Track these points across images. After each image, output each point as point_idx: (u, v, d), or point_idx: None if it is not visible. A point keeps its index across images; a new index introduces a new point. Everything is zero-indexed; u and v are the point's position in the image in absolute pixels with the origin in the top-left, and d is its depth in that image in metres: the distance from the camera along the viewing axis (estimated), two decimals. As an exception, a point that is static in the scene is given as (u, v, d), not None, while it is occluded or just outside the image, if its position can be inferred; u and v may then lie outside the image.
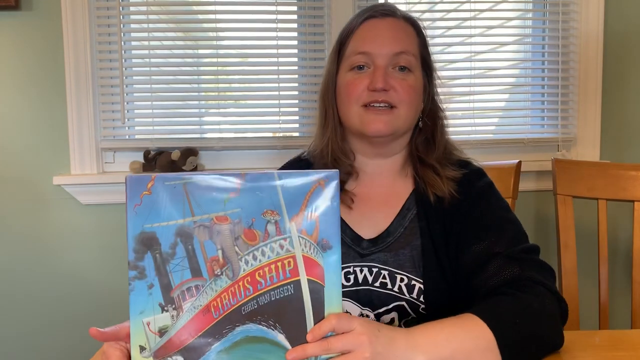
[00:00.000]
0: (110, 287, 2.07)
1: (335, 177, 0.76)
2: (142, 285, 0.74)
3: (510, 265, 1.05)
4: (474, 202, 1.15)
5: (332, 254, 0.76)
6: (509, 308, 0.95)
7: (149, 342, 0.75)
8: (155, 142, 2.08)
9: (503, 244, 1.08)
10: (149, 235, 0.73)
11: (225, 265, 0.75)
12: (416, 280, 1.14)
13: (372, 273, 1.16)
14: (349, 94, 1.17)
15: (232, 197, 0.74)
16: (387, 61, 1.16)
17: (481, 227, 1.12)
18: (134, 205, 0.73)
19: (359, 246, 1.19)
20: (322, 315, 0.77)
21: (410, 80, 1.17)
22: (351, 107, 1.17)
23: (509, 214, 1.16)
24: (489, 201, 1.17)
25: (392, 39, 1.17)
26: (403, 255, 1.16)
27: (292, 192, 0.75)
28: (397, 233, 1.18)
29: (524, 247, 1.08)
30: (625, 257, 2.14)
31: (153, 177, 0.73)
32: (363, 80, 1.16)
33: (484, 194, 1.18)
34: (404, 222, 1.19)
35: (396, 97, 1.15)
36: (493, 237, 1.10)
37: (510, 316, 0.93)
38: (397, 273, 1.15)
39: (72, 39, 2.00)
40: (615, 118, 2.17)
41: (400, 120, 1.17)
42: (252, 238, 0.75)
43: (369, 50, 1.16)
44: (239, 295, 0.75)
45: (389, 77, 1.15)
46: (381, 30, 1.18)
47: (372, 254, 1.18)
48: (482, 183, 1.19)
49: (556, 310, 0.99)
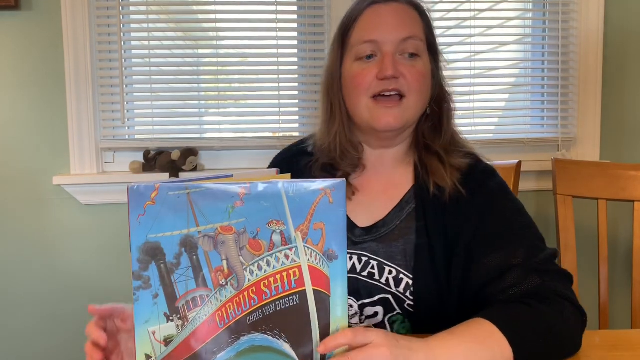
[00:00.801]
0: (110, 287, 2.07)
1: (341, 187, 0.75)
2: (147, 295, 0.74)
3: (530, 277, 1.02)
4: (487, 206, 1.11)
5: (338, 264, 0.76)
6: (530, 323, 0.94)
7: (154, 351, 0.75)
8: (155, 142, 2.07)
9: (521, 254, 1.05)
10: (153, 246, 0.73)
11: (230, 276, 0.75)
12: (405, 274, 1.11)
13: (361, 262, 1.14)
14: (357, 85, 1.14)
15: (236, 207, 0.74)
16: (394, 48, 1.12)
17: (497, 235, 1.08)
18: (137, 216, 0.73)
19: (352, 233, 1.16)
20: (327, 325, 0.77)
21: (419, 67, 1.14)
22: (360, 100, 1.14)
23: (525, 218, 1.12)
24: (504, 205, 1.13)
25: (398, 25, 1.13)
26: (395, 248, 1.13)
27: (297, 201, 0.74)
28: (392, 225, 1.16)
29: (544, 257, 1.05)
30: (625, 257, 2.14)
31: (157, 187, 0.73)
32: (371, 70, 1.12)
33: (497, 197, 1.14)
34: (401, 214, 1.16)
35: (406, 85, 1.12)
36: (511, 246, 1.06)
37: (530, 332, 0.92)
38: (386, 265, 1.13)
39: (72, 39, 2.00)
40: (615, 118, 2.17)
41: (410, 112, 1.14)
42: (257, 248, 0.74)
43: (375, 37, 1.13)
44: (244, 305, 0.75)
45: (398, 64, 1.12)
46: (386, 16, 1.14)
47: (364, 242, 1.15)
48: (493, 184, 1.16)
49: (577, 324, 0.98)
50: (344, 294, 0.77)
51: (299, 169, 1.25)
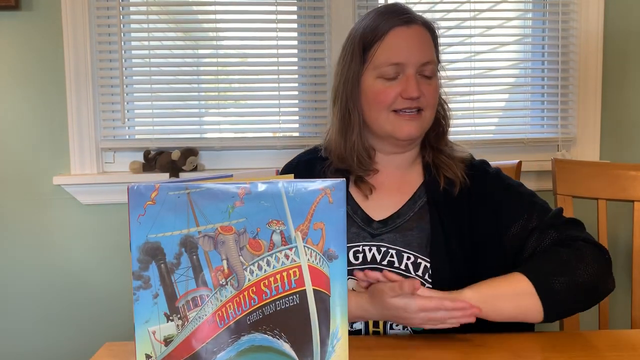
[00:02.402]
0: (110, 287, 2.07)
1: (341, 187, 0.75)
2: (147, 294, 0.74)
3: (548, 233, 1.20)
4: (495, 187, 1.27)
5: (338, 264, 0.76)
6: (548, 263, 1.14)
7: (154, 350, 0.75)
8: (155, 142, 2.08)
9: (536, 217, 1.22)
10: (153, 245, 0.73)
11: (230, 275, 0.75)
12: (422, 259, 1.22)
13: (380, 252, 1.24)
14: (380, 101, 1.24)
15: (236, 207, 0.74)
16: (416, 70, 1.24)
17: (513, 208, 1.24)
18: (137, 216, 0.73)
19: (370, 227, 1.27)
20: (327, 325, 0.77)
21: (434, 85, 1.27)
22: (381, 113, 1.24)
23: (528, 189, 1.30)
24: (509, 183, 1.30)
25: (419, 50, 1.24)
26: (411, 236, 1.24)
27: (297, 201, 0.75)
28: (406, 216, 1.26)
29: (554, 214, 1.23)
30: (625, 257, 2.14)
31: (157, 187, 0.73)
32: (395, 88, 1.23)
33: (500, 177, 1.31)
34: (415, 207, 1.27)
35: (425, 102, 1.24)
36: (526, 214, 1.23)
37: (548, 269, 1.12)
38: (404, 252, 1.23)
39: (72, 39, 2.00)
40: (615, 118, 2.17)
41: (426, 123, 1.27)
42: (257, 248, 0.75)
43: (401, 61, 1.23)
44: (244, 305, 0.75)
45: (420, 84, 1.23)
46: (409, 40, 1.24)
47: (383, 234, 1.25)
48: (492, 170, 1.32)
49: (597, 257, 1.15)
50: (344, 293, 0.77)
51: (315, 174, 1.34)
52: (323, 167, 1.33)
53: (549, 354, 1.00)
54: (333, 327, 0.77)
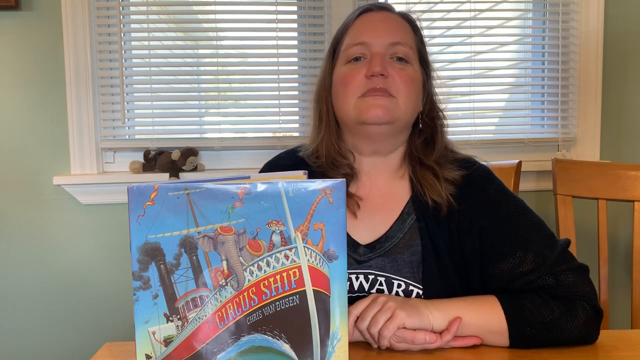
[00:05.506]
0: (110, 287, 2.08)
1: (341, 187, 0.75)
2: (146, 295, 0.74)
3: (543, 279, 1.05)
4: (488, 217, 1.12)
5: (338, 264, 0.76)
6: (533, 307, 1.01)
7: (154, 351, 0.75)
8: (155, 142, 2.08)
9: (530, 261, 1.06)
10: (153, 246, 0.73)
11: (230, 276, 0.75)
12: (414, 286, 1.12)
13: (368, 281, 1.14)
14: (345, 84, 1.14)
15: (236, 207, 0.74)
16: (383, 50, 1.14)
17: (504, 243, 1.09)
18: (137, 216, 0.73)
19: (356, 252, 1.15)
20: (327, 325, 0.77)
21: (409, 71, 1.15)
22: (348, 100, 1.14)
23: (529, 217, 1.13)
24: (507, 210, 1.12)
25: (388, 30, 1.16)
26: (401, 260, 1.13)
27: (297, 201, 0.74)
28: (395, 238, 1.15)
29: (555, 257, 1.06)
30: (625, 257, 2.14)
31: (156, 188, 0.73)
32: (360, 69, 1.13)
33: (499, 202, 1.14)
34: (404, 227, 1.16)
35: (394, 86, 1.12)
36: (519, 253, 1.07)
37: (530, 315, 1.00)
38: (394, 279, 1.13)
39: (72, 39, 2.00)
40: (615, 118, 2.17)
41: (400, 111, 1.13)
42: (256, 248, 0.74)
43: (364, 40, 1.14)
44: (244, 305, 0.75)
45: (387, 64, 1.13)
46: (377, 22, 1.17)
47: (370, 260, 1.15)
48: (492, 190, 1.16)
49: (588, 321, 1.02)
50: (344, 294, 0.77)
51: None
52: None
53: (548, 354, 1.00)
54: (333, 327, 0.77)
